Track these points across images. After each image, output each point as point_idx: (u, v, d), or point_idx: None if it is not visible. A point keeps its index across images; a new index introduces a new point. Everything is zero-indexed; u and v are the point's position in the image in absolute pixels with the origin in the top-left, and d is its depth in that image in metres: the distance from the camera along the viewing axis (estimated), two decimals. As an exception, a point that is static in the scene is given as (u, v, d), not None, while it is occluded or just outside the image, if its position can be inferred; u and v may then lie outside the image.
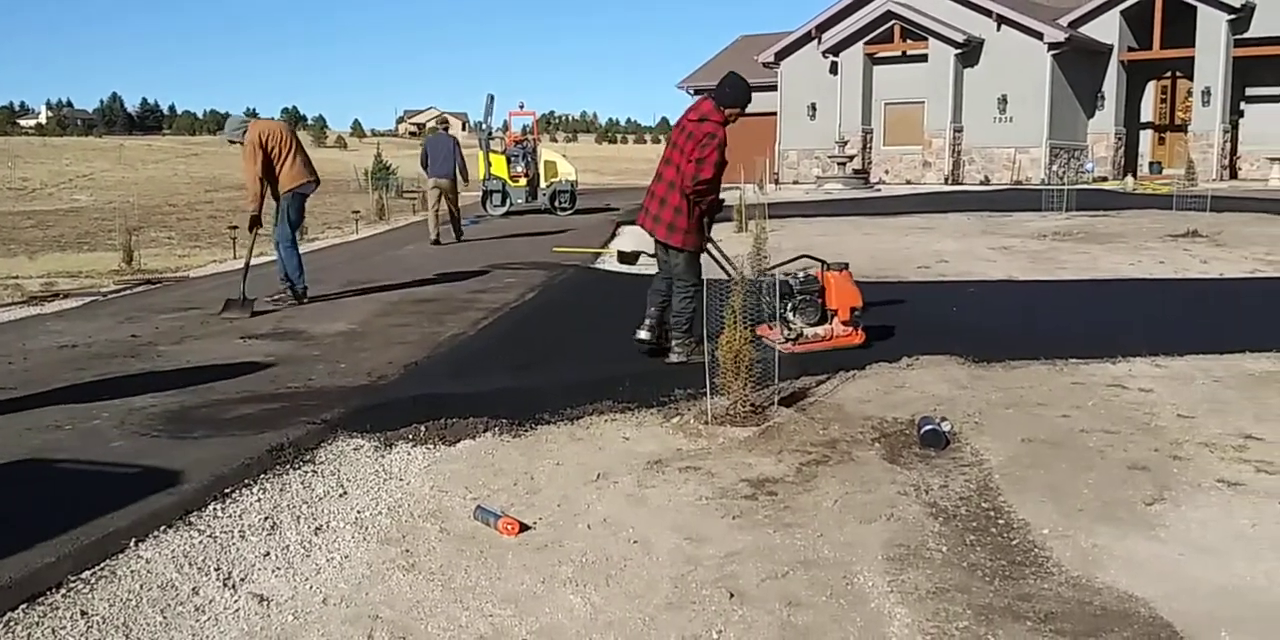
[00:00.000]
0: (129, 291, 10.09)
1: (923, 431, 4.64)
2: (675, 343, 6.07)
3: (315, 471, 4.26)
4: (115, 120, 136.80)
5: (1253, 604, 3.10)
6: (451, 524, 3.88)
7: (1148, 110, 31.09)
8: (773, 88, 31.62)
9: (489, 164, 19.64)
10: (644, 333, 6.17)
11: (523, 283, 9.72)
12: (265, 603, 3.25)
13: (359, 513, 3.98)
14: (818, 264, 6.69)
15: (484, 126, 20.08)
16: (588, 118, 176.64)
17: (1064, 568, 3.35)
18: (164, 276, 11.32)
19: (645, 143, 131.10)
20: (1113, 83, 29.47)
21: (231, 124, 8.70)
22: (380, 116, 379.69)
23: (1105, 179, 27.80)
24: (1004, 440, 4.63)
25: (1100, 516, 3.76)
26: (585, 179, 25.63)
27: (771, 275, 6.74)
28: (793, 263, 7.16)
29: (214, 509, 3.74)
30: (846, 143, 28.91)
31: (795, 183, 30.94)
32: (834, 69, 30.92)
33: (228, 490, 3.90)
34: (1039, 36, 27.95)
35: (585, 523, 3.85)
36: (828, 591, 3.22)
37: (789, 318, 6.41)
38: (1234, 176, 27.95)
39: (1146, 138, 31.26)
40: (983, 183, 28.43)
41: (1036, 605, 3.08)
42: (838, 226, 16.21)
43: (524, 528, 3.78)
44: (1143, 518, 3.75)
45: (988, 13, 28.55)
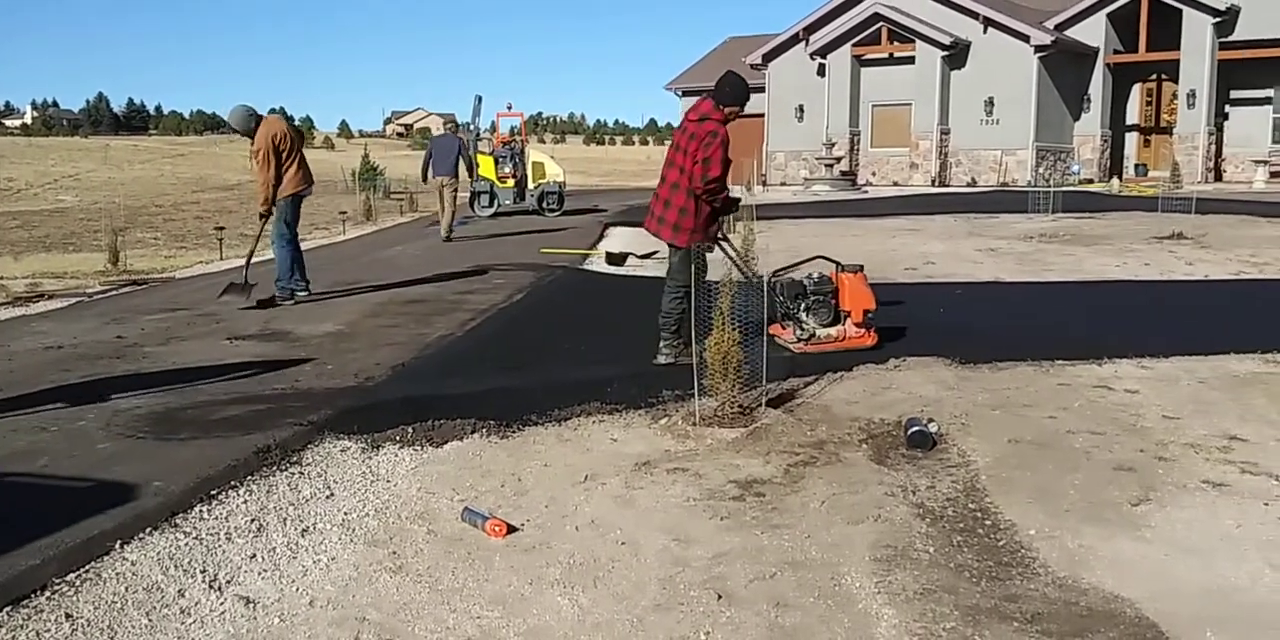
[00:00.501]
0: (115, 292, 10.05)
1: (910, 433, 4.66)
2: (663, 344, 6.07)
3: (302, 473, 4.25)
4: (101, 120, 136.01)
5: (1237, 604, 3.12)
6: (439, 525, 3.88)
7: (1133, 113, 31.25)
8: (760, 89, 31.66)
9: (477, 165, 19.63)
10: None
11: (511, 284, 9.70)
12: (251, 605, 3.24)
13: (346, 514, 3.97)
14: (831, 265, 6.70)
15: (472, 128, 20.06)
16: (576, 119, 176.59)
17: (1050, 568, 3.37)
18: (150, 277, 11.28)
19: (633, 144, 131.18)
20: (1099, 85, 29.63)
21: (239, 114, 8.68)
22: (368, 118, 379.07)
23: (1091, 181, 27.92)
24: (991, 441, 4.65)
25: (1086, 517, 3.78)
26: (573, 180, 25.63)
27: (786, 275, 6.76)
28: (807, 264, 7.17)
29: (200, 511, 3.73)
30: (834, 144, 28.99)
31: (783, 184, 31.00)
32: (822, 71, 31.02)
33: (214, 492, 3.88)
34: (1025, 39, 28.07)
35: (573, 524, 3.85)
36: (815, 592, 3.23)
37: (802, 318, 6.43)
38: (1219, 179, 28.13)
39: (1132, 140, 31.42)
40: (969, 185, 28.55)
41: (1023, 606, 3.09)
42: (825, 228, 16.24)
43: (511, 529, 3.77)
44: (1128, 518, 3.77)
45: (974, 15, 28.68)
